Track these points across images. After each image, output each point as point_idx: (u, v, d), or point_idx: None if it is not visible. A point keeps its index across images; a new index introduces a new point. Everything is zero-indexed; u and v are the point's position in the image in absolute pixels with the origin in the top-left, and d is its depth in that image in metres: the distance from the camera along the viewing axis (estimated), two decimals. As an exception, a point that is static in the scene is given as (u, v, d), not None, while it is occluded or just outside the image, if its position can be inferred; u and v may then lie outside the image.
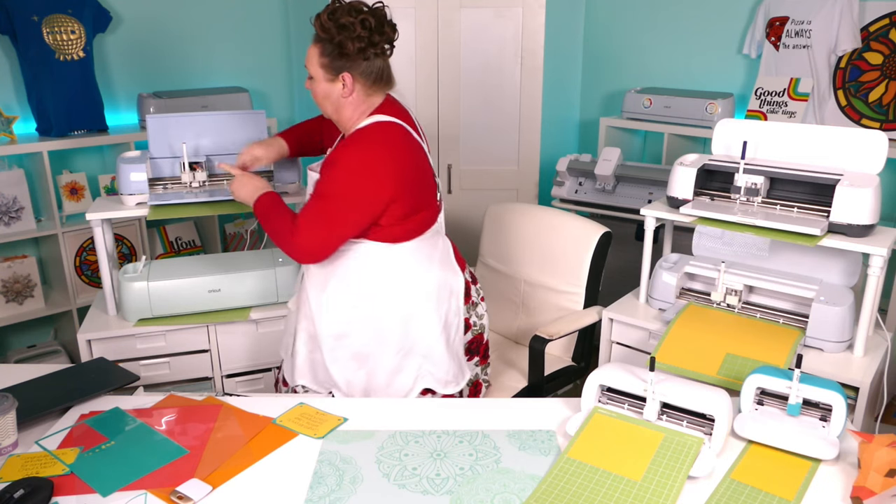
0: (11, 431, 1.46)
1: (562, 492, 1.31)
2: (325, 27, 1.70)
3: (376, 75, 1.76)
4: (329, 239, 1.76)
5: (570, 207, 3.24)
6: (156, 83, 3.43)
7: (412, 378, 1.88)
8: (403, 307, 1.85)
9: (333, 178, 1.74)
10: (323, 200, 1.74)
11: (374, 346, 1.85)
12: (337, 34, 1.69)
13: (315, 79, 1.78)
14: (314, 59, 1.75)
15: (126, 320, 2.27)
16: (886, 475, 1.26)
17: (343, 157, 1.74)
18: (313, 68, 1.76)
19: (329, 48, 1.72)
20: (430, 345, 1.88)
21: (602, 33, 3.88)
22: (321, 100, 1.81)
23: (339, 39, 1.69)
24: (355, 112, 1.80)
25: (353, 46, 1.69)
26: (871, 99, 3.02)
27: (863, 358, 1.91)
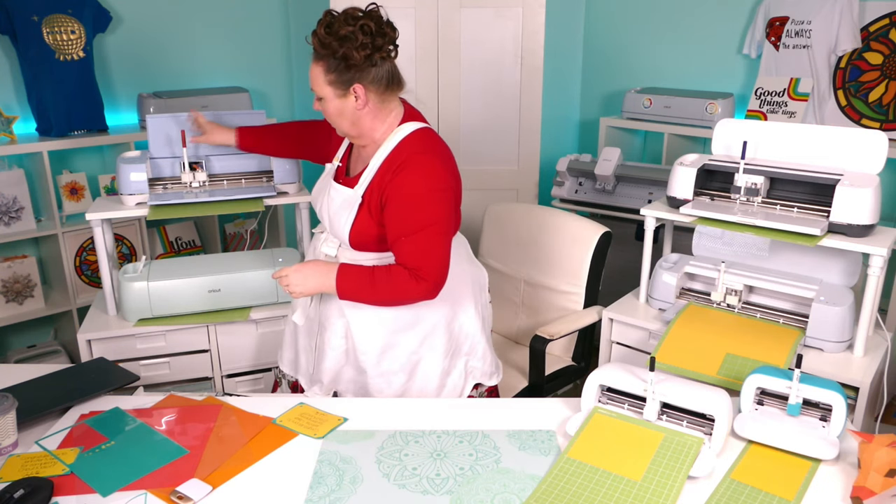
0: (11, 431, 1.46)
1: (562, 492, 1.31)
2: (325, 42, 1.61)
3: (387, 79, 1.69)
4: (447, 263, 1.70)
5: (570, 207, 3.24)
6: (156, 83, 3.43)
7: (462, 377, 1.88)
8: (446, 306, 1.82)
9: (420, 205, 1.66)
10: (425, 230, 1.66)
11: (423, 352, 1.82)
12: (339, 47, 1.60)
13: (325, 98, 1.68)
14: (320, 78, 1.66)
15: (126, 320, 2.27)
16: (886, 475, 1.26)
17: (415, 180, 1.65)
18: (320, 88, 1.67)
19: (333, 63, 1.63)
20: (474, 340, 1.88)
21: (602, 33, 3.88)
22: (336, 118, 1.72)
23: (343, 52, 1.61)
24: (376, 121, 1.72)
25: (358, 55, 1.61)
26: (871, 99, 3.02)
27: (863, 358, 1.91)
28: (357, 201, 1.72)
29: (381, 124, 1.73)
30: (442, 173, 1.68)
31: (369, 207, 1.71)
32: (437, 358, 1.83)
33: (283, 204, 2.59)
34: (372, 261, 1.76)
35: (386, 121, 1.73)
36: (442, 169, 1.69)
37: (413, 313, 1.79)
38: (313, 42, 1.64)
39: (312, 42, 1.64)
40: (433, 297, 1.71)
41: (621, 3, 3.76)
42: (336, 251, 1.81)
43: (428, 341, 1.82)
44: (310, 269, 1.73)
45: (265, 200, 2.34)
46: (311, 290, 1.75)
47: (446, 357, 1.84)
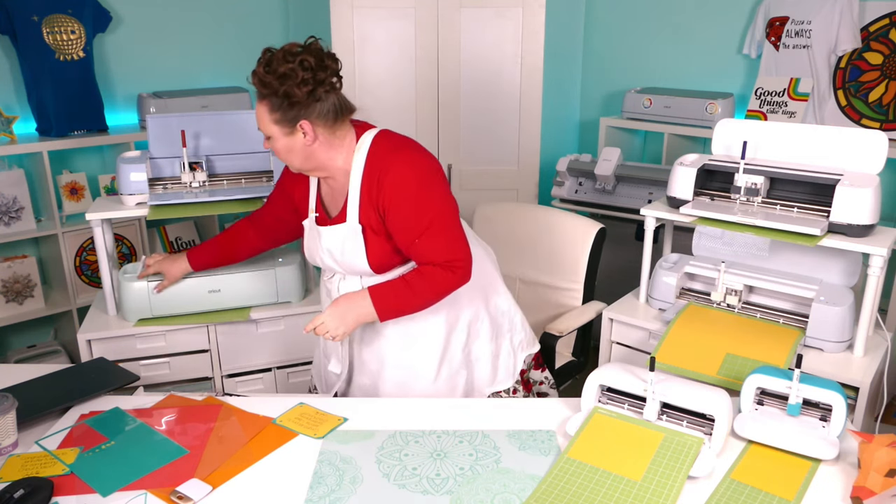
0: (11, 431, 1.46)
1: (562, 492, 1.31)
2: (266, 82, 1.57)
3: (335, 111, 1.64)
4: (467, 242, 1.70)
5: (570, 207, 3.24)
6: (156, 83, 3.43)
7: (511, 354, 1.91)
8: (479, 294, 1.84)
9: (419, 201, 1.64)
10: (435, 223, 1.64)
11: (472, 345, 1.85)
12: (280, 85, 1.56)
13: (273, 137, 1.64)
14: (265, 117, 1.62)
15: (126, 320, 2.27)
16: (886, 475, 1.26)
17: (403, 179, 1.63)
18: (266, 127, 1.63)
19: (276, 102, 1.59)
20: (511, 315, 1.92)
21: (602, 33, 3.88)
22: (286, 155, 1.67)
23: (284, 90, 1.56)
24: (331, 151, 1.68)
25: (300, 92, 1.57)
26: (871, 99, 3.02)
27: (863, 358, 1.91)
28: (358, 230, 1.69)
29: (337, 153, 1.69)
30: (422, 160, 1.67)
31: (372, 228, 1.69)
32: (484, 345, 1.85)
33: (283, 204, 2.59)
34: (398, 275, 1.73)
35: (342, 148, 1.69)
36: (420, 157, 1.67)
37: (454, 311, 1.80)
38: (254, 81, 1.60)
39: (253, 81, 1.60)
40: (468, 281, 1.71)
41: (621, 3, 3.76)
42: (360, 284, 1.77)
43: (474, 329, 1.84)
44: (343, 306, 1.68)
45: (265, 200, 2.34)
46: (352, 326, 1.69)
47: (492, 341, 1.87)
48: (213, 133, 2.36)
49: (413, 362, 1.80)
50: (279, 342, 2.40)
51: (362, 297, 1.67)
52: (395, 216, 1.65)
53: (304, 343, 2.41)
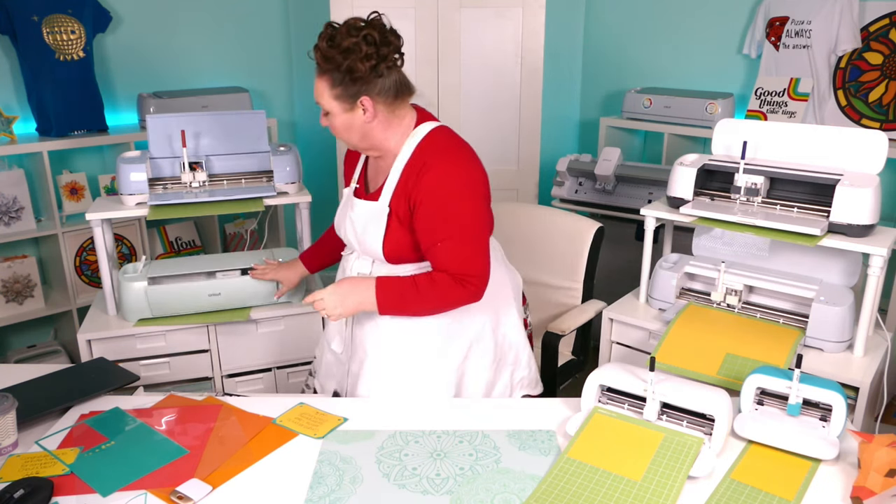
0: (11, 431, 1.46)
1: (562, 492, 1.31)
2: (329, 56, 1.55)
3: (396, 89, 1.63)
4: (489, 264, 1.67)
5: (570, 207, 3.24)
6: (156, 83, 3.43)
7: (508, 388, 1.85)
8: (489, 313, 1.79)
9: (452, 207, 1.61)
10: (462, 233, 1.62)
11: (467, 365, 1.78)
12: (343, 60, 1.54)
13: (332, 113, 1.62)
14: (325, 93, 1.60)
15: (126, 320, 2.27)
16: (886, 475, 1.26)
17: (442, 181, 1.60)
18: (327, 102, 1.61)
19: (339, 77, 1.57)
20: (518, 350, 1.86)
21: (602, 33, 3.88)
22: (344, 132, 1.65)
23: (347, 64, 1.54)
24: (388, 131, 1.66)
25: (364, 67, 1.55)
26: (871, 99, 3.02)
27: (863, 358, 1.91)
28: (384, 212, 1.67)
29: (393, 134, 1.67)
30: (469, 170, 1.64)
31: (398, 216, 1.66)
32: (483, 369, 1.79)
33: (283, 204, 2.59)
34: (410, 272, 1.71)
35: (399, 129, 1.68)
36: (468, 166, 1.64)
37: (457, 323, 1.75)
38: (316, 56, 1.58)
39: (315, 56, 1.58)
40: (478, 300, 1.67)
41: (621, 3, 3.76)
42: (370, 268, 1.75)
43: (474, 350, 1.78)
44: (346, 287, 1.66)
45: (265, 200, 2.34)
46: (351, 310, 1.67)
47: (491, 367, 1.81)
48: (213, 133, 2.36)
49: (402, 362, 1.76)
50: (279, 342, 2.40)
51: (367, 285, 1.65)
52: (423, 214, 1.62)
53: (304, 343, 2.41)
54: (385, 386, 1.77)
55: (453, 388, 1.78)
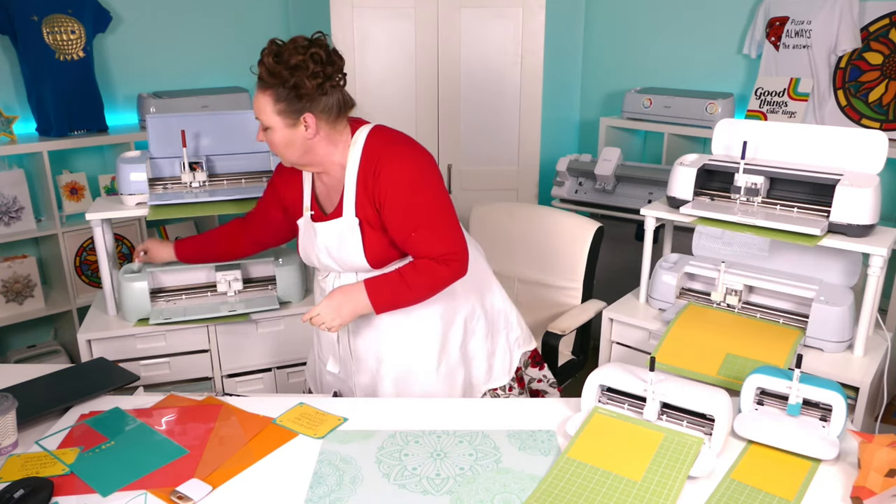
0: (11, 431, 1.46)
1: (562, 492, 1.31)
2: (274, 72, 1.55)
3: (338, 107, 1.65)
4: (463, 236, 1.72)
5: (570, 207, 3.24)
6: (156, 83, 3.43)
7: (507, 352, 1.92)
8: (475, 292, 1.85)
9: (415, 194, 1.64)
10: (432, 216, 1.65)
11: (468, 342, 1.85)
12: (290, 76, 1.55)
13: (272, 128, 1.62)
14: (267, 108, 1.60)
15: (126, 320, 2.27)
16: (886, 475, 1.26)
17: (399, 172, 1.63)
18: (267, 118, 1.61)
19: (283, 93, 1.58)
20: (506, 313, 1.93)
21: (602, 33, 3.88)
22: (283, 148, 1.65)
23: (294, 81, 1.56)
24: (329, 146, 1.68)
25: (310, 85, 1.56)
26: (871, 99, 3.02)
27: (863, 358, 1.91)
28: (355, 223, 1.69)
29: (335, 147, 1.69)
30: (418, 158, 1.67)
31: (369, 222, 1.69)
32: (480, 343, 1.86)
33: (283, 204, 2.59)
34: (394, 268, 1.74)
35: (340, 142, 1.70)
36: (416, 154, 1.68)
37: (450, 307, 1.80)
38: (260, 71, 1.58)
39: (259, 71, 1.58)
40: (465, 275, 1.72)
41: (621, 3, 3.76)
42: (356, 279, 1.77)
43: (470, 327, 1.84)
44: (338, 298, 1.68)
45: (264, 201, 2.34)
46: (348, 318, 1.69)
47: (487, 338, 1.88)
48: (213, 133, 2.36)
49: (411, 360, 1.81)
50: (279, 342, 2.40)
51: (358, 289, 1.68)
52: (390, 210, 1.65)
53: (304, 343, 2.41)
54: (402, 386, 1.81)
55: (462, 367, 1.84)
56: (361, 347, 1.83)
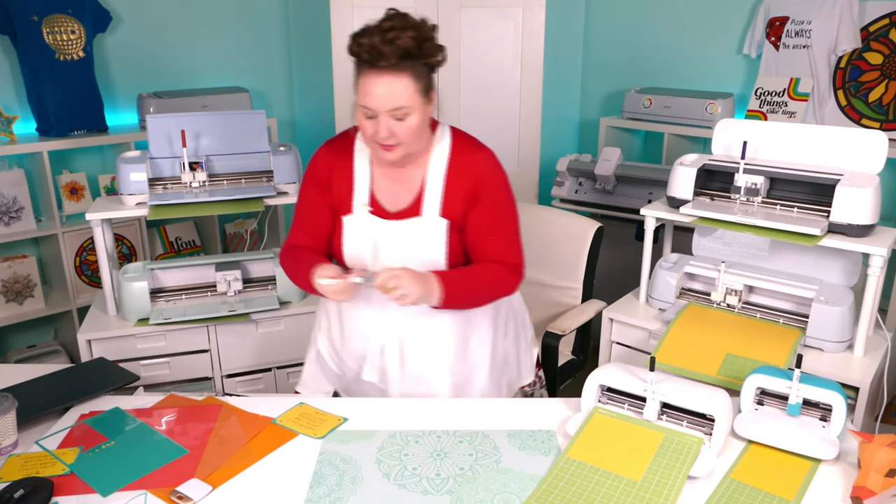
0: (11, 431, 1.46)
1: (562, 492, 1.31)
2: (414, 49, 1.45)
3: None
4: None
5: (570, 207, 3.24)
6: (156, 83, 3.43)
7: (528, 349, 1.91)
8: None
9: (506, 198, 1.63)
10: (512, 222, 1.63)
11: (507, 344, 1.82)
12: (434, 51, 1.49)
13: (412, 112, 1.49)
14: (409, 88, 1.47)
15: (126, 320, 2.27)
16: (886, 475, 1.26)
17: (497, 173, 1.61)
18: (410, 99, 1.47)
19: (422, 69, 1.49)
20: (524, 312, 1.92)
21: (602, 33, 3.88)
22: (418, 134, 1.53)
23: (434, 56, 1.50)
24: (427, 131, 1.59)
25: (442, 58, 1.51)
26: (871, 99, 3.02)
27: (863, 358, 1.91)
28: (442, 225, 1.59)
29: (427, 134, 1.61)
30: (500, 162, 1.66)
31: (454, 223, 1.61)
32: (511, 344, 1.84)
33: (283, 204, 2.59)
34: None
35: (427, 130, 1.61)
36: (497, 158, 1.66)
37: (498, 314, 1.76)
38: (390, 51, 1.43)
39: (387, 51, 1.43)
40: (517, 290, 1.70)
41: (621, 3, 3.76)
42: None
43: (507, 331, 1.82)
44: (409, 276, 1.49)
45: (265, 200, 2.35)
46: (417, 298, 1.50)
47: (517, 340, 1.86)
48: (213, 133, 2.36)
49: (469, 368, 1.74)
50: (279, 342, 2.40)
51: (429, 278, 1.53)
52: (483, 208, 1.60)
53: (304, 343, 2.40)
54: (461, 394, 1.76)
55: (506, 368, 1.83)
56: (413, 355, 1.71)
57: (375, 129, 1.50)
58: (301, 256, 1.66)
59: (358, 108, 1.51)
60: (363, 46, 1.45)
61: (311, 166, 1.70)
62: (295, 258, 1.68)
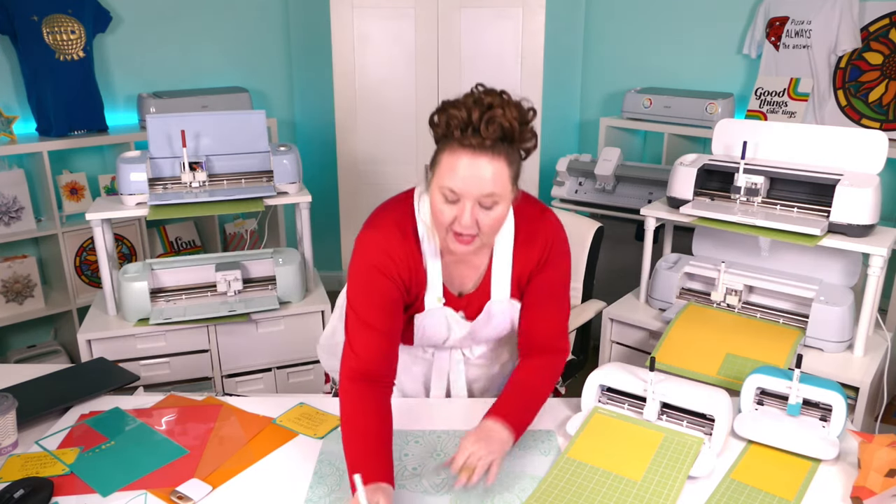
0: (11, 431, 1.46)
1: (562, 492, 1.31)
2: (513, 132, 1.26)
3: None
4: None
5: (570, 207, 3.24)
6: (156, 83, 3.43)
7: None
8: None
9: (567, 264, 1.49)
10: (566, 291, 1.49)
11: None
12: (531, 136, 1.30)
13: (501, 200, 1.30)
14: (504, 175, 1.28)
15: (126, 320, 2.27)
16: (886, 475, 1.26)
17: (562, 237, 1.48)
18: (503, 187, 1.28)
19: (515, 156, 1.30)
20: None
21: (602, 33, 3.88)
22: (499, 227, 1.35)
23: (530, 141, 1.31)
24: None
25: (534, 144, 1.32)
26: (871, 99, 3.02)
27: (863, 358, 1.91)
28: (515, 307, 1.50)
29: None
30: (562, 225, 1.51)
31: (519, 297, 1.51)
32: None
33: (283, 204, 2.59)
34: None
35: None
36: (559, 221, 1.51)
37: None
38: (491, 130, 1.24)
39: (487, 129, 1.24)
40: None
41: (621, 3, 3.76)
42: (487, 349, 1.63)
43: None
44: (481, 444, 1.31)
45: (265, 200, 2.35)
46: (500, 455, 1.32)
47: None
48: (213, 133, 2.36)
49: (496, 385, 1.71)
50: (279, 342, 2.40)
51: (496, 429, 1.35)
52: (544, 276, 1.46)
53: (304, 343, 2.41)
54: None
55: None
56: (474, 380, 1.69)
57: (455, 216, 1.29)
58: (364, 423, 1.34)
59: (435, 190, 1.31)
60: (455, 119, 1.26)
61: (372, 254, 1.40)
62: (359, 418, 1.34)
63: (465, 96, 1.30)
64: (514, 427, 1.36)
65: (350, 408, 1.35)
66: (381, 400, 1.37)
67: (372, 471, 1.24)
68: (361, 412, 1.34)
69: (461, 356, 1.63)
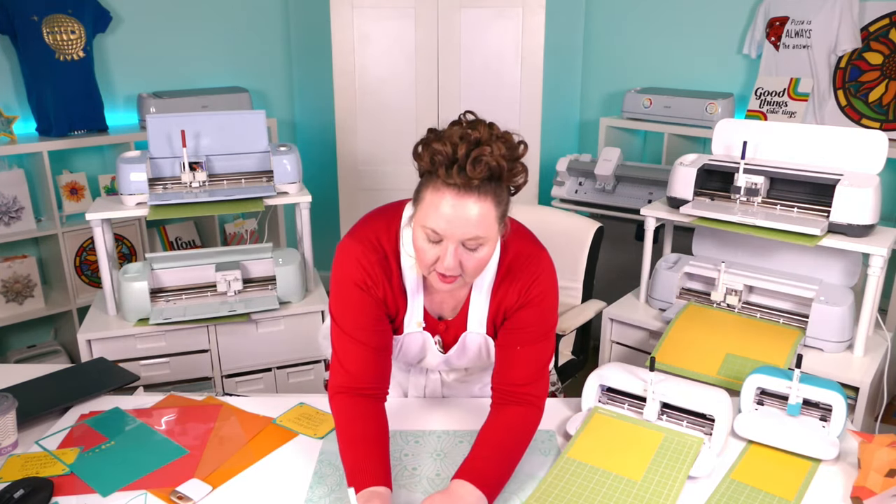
0: (11, 431, 1.46)
1: (562, 492, 1.31)
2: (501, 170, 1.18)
3: None
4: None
5: (570, 207, 3.24)
6: (156, 83, 3.43)
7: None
8: None
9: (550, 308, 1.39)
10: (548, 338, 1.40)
11: None
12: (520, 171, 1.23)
13: (488, 242, 1.24)
14: (490, 216, 1.21)
15: (126, 320, 2.27)
16: (886, 475, 1.26)
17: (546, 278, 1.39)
18: (489, 228, 1.22)
19: (504, 195, 1.23)
20: None
21: (602, 33, 3.88)
22: (483, 268, 1.29)
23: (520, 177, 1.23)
24: None
25: (524, 179, 1.24)
26: (871, 99, 3.02)
27: (863, 358, 1.91)
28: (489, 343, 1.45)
29: None
30: (551, 262, 1.42)
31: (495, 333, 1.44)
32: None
33: (283, 204, 2.59)
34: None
35: None
36: (548, 254, 1.42)
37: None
38: (478, 170, 1.16)
39: (474, 172, 1.16)
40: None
41: (621, 3, 3.76)
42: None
43: None
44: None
45: (265, 200, 2.35)
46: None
47: None
48: (213, 133, 2.36)
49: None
50: (279, 342, 2.40)
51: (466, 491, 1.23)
52: (525, 315, 1.38)
53: (304, 343, 2.41)
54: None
55: None
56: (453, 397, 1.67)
57: (438, 257, 1.24)
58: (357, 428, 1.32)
59: (418, 227, 1.25)
60: (440, 155, 1.18)
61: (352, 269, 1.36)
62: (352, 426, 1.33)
63: (450, 127, 1.21)
64: (486, 490, 1.24)
65: (343, 417, 1.33)
66: (373, 408, 1.35)
67: (368, 475, 1.23)
68: (353, 419, 1.32)
69: (437, 375, 1.64)
